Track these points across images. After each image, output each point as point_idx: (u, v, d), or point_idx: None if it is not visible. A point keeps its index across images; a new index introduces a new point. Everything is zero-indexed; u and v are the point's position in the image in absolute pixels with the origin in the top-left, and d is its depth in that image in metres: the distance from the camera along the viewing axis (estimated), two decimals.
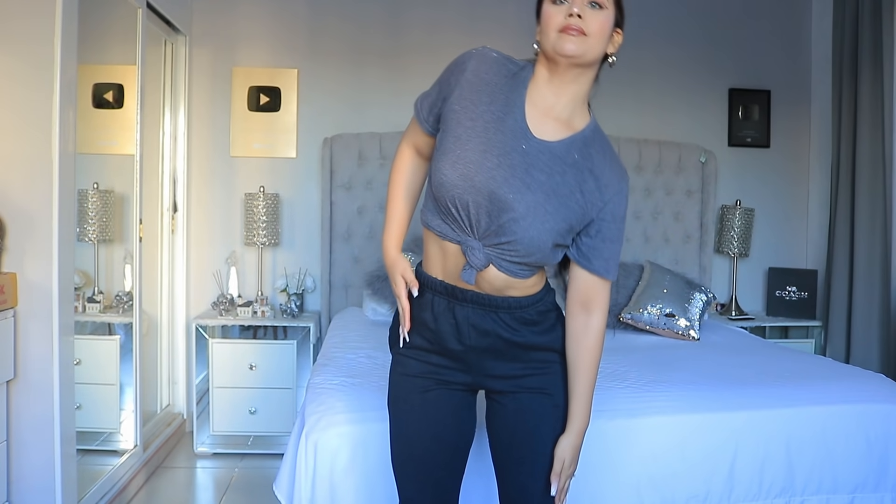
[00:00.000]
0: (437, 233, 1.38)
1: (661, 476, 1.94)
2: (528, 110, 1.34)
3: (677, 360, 2.56)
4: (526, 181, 1.30)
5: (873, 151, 3.43)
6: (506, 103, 1.34)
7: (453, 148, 1.32)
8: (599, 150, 1.37)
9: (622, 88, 3.88)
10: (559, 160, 1.33)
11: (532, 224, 1.29)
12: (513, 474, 1.45)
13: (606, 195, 1.35)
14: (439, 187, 1.32)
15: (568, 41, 1.27)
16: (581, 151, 1.34)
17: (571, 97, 1.35)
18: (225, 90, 3.67)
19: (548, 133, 1.34)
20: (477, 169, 1.29)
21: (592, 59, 1.31)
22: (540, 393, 1.43)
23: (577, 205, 1.33)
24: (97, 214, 3.04)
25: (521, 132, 1.32)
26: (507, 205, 1.29)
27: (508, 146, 1.31)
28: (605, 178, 1.35)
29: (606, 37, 1.32)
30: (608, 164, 1.36)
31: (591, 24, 1.28)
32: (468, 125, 1.32)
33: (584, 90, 1.36)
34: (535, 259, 1.34)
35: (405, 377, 1.47)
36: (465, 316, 1.40)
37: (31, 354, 2.19)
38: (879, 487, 2.06)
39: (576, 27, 1.27)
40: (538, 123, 1.34)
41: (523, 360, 1.42)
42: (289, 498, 1.90)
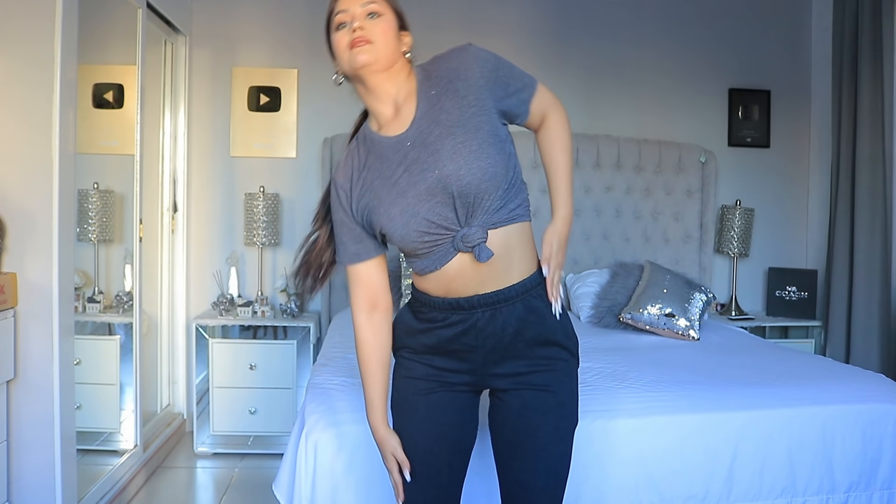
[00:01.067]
0: (431, 269, 1.40)
1: (661, 476, 1.94)
2: (386, 132, 1.40)
3: (677, 360, 2.56)
4: (434, 155, 1.34)
5: (873, 151, 3.43)
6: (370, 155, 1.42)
7: (383, 213, 1.37)
8: (435, 67, 1.40)
9: (622, 88, 3.89)
10: (430, 116, 1.36)
11: (466, 161, 1.32)
12: (515, 471, 1.46)
13: (472, 76, 1.37)
14: (402, 240, 1.38)
15: (358, 53, 1.34)
16: (432, 84, 1.38)
17: (395, 95, 1.40)
18: (225, 90, 3.67)
19: (406, 120, 1.39)
20: (400, 195, 1.35)
21: (387, 61, 1.37)
22: (543, 390, 1.43)
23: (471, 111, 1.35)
24: (97, 214, 3.04)
25: (400, 148, 1.37)
26: (447, 179, 1.32)
27: (399, 159, 1.37)
28: (457, 73, 1.37)
29: (392, 39, 1.37)
30: (448, 63, 1.39)
31: (373, 31, 1.35)
32: (377, 192, 1.39)
33: (401, 84, 1.40)
34: (504, 186, 1.35)
35: (408, 379, 1.48)
36: (470, 321, 1.40)
37: (31, 354, 2.19)
38: (871, 486, 2.06)
39: (360, 38, 1.34)
40: (399, 127, 1.39)
41: (528, 357, 1.42)
42: (289, 498, 1.90)
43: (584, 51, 3.85)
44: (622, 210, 3.78)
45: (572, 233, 3.71)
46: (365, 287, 1.48)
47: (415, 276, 1.47)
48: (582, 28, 3.85)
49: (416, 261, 1.43)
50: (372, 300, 1.48)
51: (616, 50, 3.87)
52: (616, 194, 3.77)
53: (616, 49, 3.87)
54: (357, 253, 1.46)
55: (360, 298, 1.48)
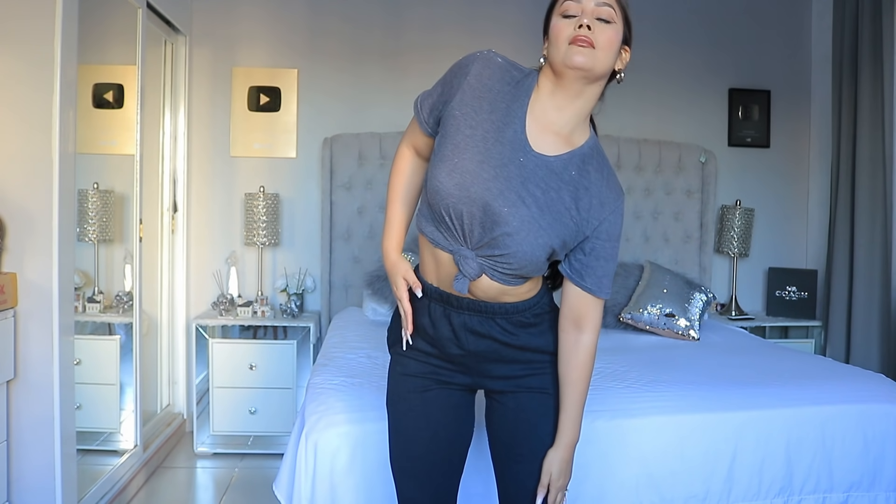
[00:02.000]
0: (430, 240, 1.38)
1: (661, 476, 1.94)
2: (529, 122, 1.33)
3: (677, 360, 2.56)
4: (521, 195, 1.30)
5: (873, 151, 3.43)
6: (507, 113, 1.33)
7: (451, 156, 1.31)
8: (597, 167, 1.36)
9: (622, 88, 3.84)
10: (556, 176, 1.32)
11: (525, 239, 1.29)
12: (512, 472, 1.46)
13: (602, 214, 1.34)
14: (434, 194, 1.32)
15: (577, 52, 1.26)
16: (579, 168, 1.34)
17: (574, 113, 1.34)
18: (225, 90, 3.67)
19: (547, 147, 1.33)
20: (473, 179, 1.29)
21: (600, 72, 1.30)
22: (540, 392, 1.43)
23: (571, 222, 1.33)
24: (97, 214, 3.04)
25: (520, 144, 1.32)
26: (500, 218, 1.29)
27: (506, 158, 1.31)
28: (601, 197, 1.34)
29: (615, 51, 1.31)
30: (605, 182, 1.36)
31: (600, 37, 1.28)
32: (467, 133, 1.31)
33: (588, 107, 1.35)
34: (528, 271, 1.34)
35: (404, 377, 1.48)
36: (461, 322, 1.40)
37: (31, 354, 2.19)
38: (874, 486, 2.06)
39: (585, 38, 1.26)
40: (538, 137, 1.33)
41: (522, 362, 1.43)
42: (289, 498, 1.90)
43: None
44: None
45: None
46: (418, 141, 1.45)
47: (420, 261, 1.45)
48: None
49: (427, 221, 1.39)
50: (419, 151, 1.47)
51: None
52: None
53: None
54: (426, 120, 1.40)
55: (410, 144, 1.47)
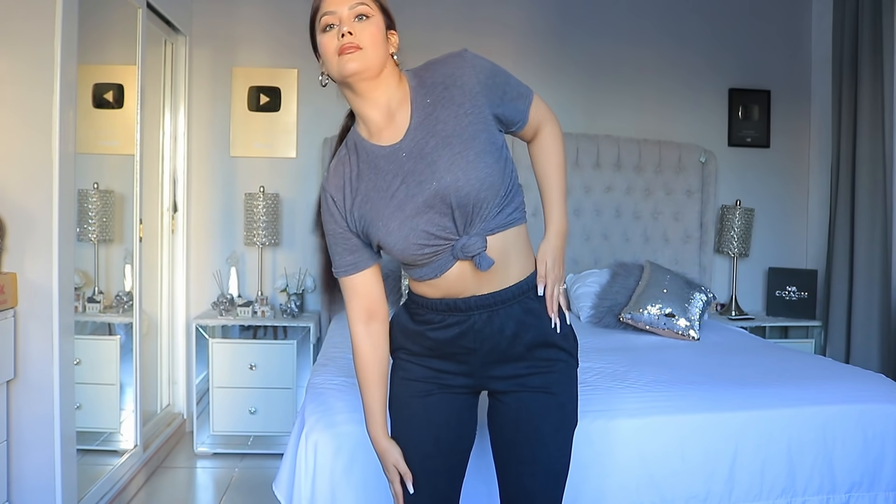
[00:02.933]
0: (433, 277, 1.38)
1: (661, 476, 1.94)
2: (377, 140, 1.36)
3: (677, 360, 2.56)
4: (431, 168, 1.31)
5: (873, 151, 3.43)
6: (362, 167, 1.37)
7: (381, 227, 1.34)
8: (430, 73, 1.38)
9: (622, 88, 3.89)
10: (425, 127, 1.34)
11: (469, 172, 1.30)
12: (515, 473, 1.45)
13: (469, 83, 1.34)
14: (403, 254, 1.35)
15: (348, 60, 1.29)
16: (427, 92, 1.36)
17: (386, 101, 1.36)
18: (225, 90, 3.67)
19: (400, 129, 1.35)
20: (398, 209, 1.32)
21: (377, 67, 1.32)
22: (543, 392, 1.42)
23: (471, 124, 1.33)
24: (97, 214, 3.04)
25: (395, 158, 1.34)
26: (442, 193, 1.30)
27: (394, 171, 1.34)
28: (454, 79, 1.35)
29: (381, 43, 1.33)
30: (443, 69, 1.36)
31: (363, 36, 1.30)
32: (368, 207, 1.36)
33: (392, 89, 1.36)
34: (498, 186, 1.33)
35: (406, 381, 1.47)
36: (468, 323, 1.40)
37: (31, 354, 2.19)
38: (874, 486, 2.06)
39: (349, 45, 1.29)
40: (392, 134, 1.35)
41: (527, 360, 1.42)
42: (289, 498, 1.90)
43: (584, 51, 3.85)
44: (622, 210, 3.78)
45: (572, 233, 3.71)
46: (361, 297, 1.45)
47: (411, 281, 1.46)
48: (582, 28, 3.85)
49: (415, 270, 1.41)
50: (369, 310, 1.45)
51: (616, 50, 3.87)
52: (616, 194, 3.77)
53: (616, 49, 3.87)
54: (353, 263, 1.42)
55: (356, 309, 1.45)
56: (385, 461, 1.46)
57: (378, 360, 1.47)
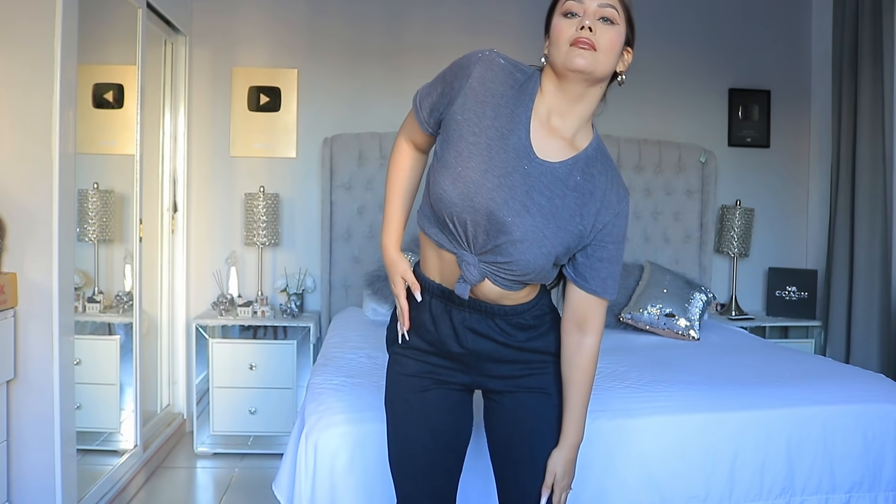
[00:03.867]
0: (434, 241, 1.38)
1: (662, 476, 1.94)
2: (533, 127, 1.32)
3: (677, 360, 2.56)
4: (526, 204, 1.29)
5: (873, 151, 3.43)
6: (510, 119, 1.31)
7: (454, 164, 1.29)
8: (602, 169, 1.35)
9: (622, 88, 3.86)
10: (561, 183, 1.31)
11: (529, 248, 1.29)
12: (512, 474, 1.45)
13: (606, 217, 1.33)
14: (438, 202, 1.31)
15: (578, 55, 1.24)
16: (583, 172, 1.33)
17: (577, 116, 1.32)
18: (225, 90, 3.67)
19: (551, 153, 1.32)
20: (477, 189, 1.28)
21: (602, 74, 1.28)
22: (539, 392, 1.43)
23: (576, 227, 1.32)
24: (97, 214, 3.04)
25: (525, 152, 1.30)
26: (505, 227, 1.28)
27: (510, 166, 1.29)
28: (605, 200, 1.33)
29: (617, 53, 1.29)
30: (610, 185, 1.35)
31: (602, 38, 1.26)
32: (471, 140, 1.30)
33: (591, 109, 1.34)
34: (531, 279, 1.34)
35: (403, 377, 1.47)
36: (461, 320, 1.40)
37: (31, 354, 2.19)
38: (875, 486, 2.06)
39: (586, 40, 1.24)
40: (542, 142, 1.31)
41: (521, 362, 1.43)
42: (288, 498, 1.90)
43: None
44: None
45: None
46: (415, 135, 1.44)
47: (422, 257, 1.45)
48: None
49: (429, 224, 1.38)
50: (417, 144, 1.46)
51: None
52: None
53: None
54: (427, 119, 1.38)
55: (408, 136, 1.46)
56: (393, 271, 1.45)
57: (411, 173, 1.47)
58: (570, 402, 1.41)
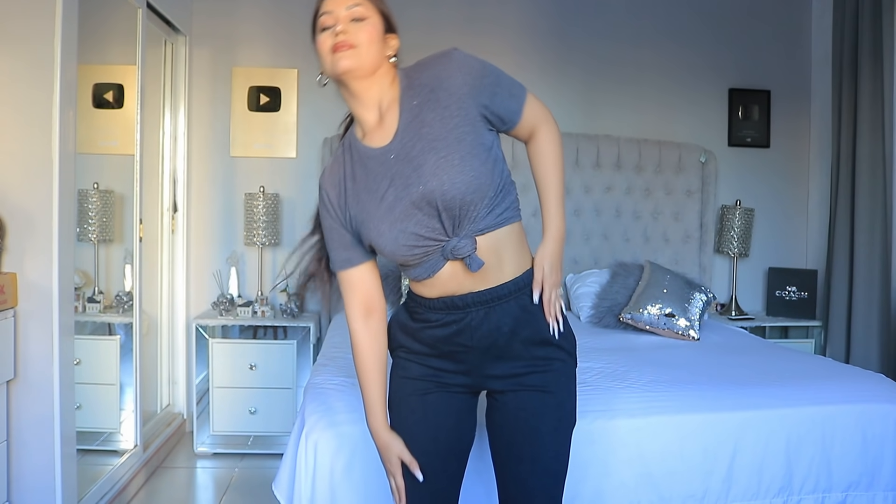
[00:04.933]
0: (426, 277, 1.40)
1: (660, 475, 1.94)
2: (368, 142, 1.39)
3: (677, 360, 2.56)
4: (417, 172, 1.32)
5: (873, 151, 3.43)
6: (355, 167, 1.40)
7: (372, 229, 1.37)
8: (418, 74, 1.38)
9: (622, 88, 3.89)
10: (413, 128, 1.35)
11: (455, 180, 1.30)
12: (513, 472, 1.45)
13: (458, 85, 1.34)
14: (393, 255, 1.37)
15: (340, 58, 1.32)
16: (415, 93, 1.36)
17: (378, 102, 1.38)
18: (225, 90, 3.67)
19: (391, 131, 1.37)
20: (388, 212, 1.34)
21: (370, 66, 1.35)
22: (541, 391, 1.42)
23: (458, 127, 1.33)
24: (97, 214, 3.05)
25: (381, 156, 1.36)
26: (428, 197, 1.31)
27: (385, 173, 1.35)
28: (443, 81, 1.35)
29: (376, 44, 1.35)
30: (430, 70, 1.37)
31: (358, 36, 1.33)
32: (359, 209, 1.39)
33: (384, 89, 1.39)
34: (486, 188, 1.33)
35: (405, 380, 1.48)
36: (465, 320, 1.40)
37: (31, 354, 2.19)
38: (872, 486, 2.06)
39: (342, 43, 1.32)
40: (383, 136, 1.37)
41: (525, 358, 1.42)
42: (288, 498, 1.90)
43: (584, 51, 3.85)
44: (622, 210, 3.78)
45: (573, 233, 3.71)
46: (359, 292, 1.47)
47: (410, 280, 1.47)
48: (582, 28, 3.85)
49: (408, 269, 1.43)
50: (367, 305, 1.47)
51: (616, 50, 3.87)
52: (616, 194, 3.77)
53: (616, 49, 3.87)
54: (348, 258, 1.45)
55: (354, 304, 1.47)
56: (387, 455, 1.46)
57: (377, 354, 1.48)
58: (545, 195, 1.45)
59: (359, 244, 1.44)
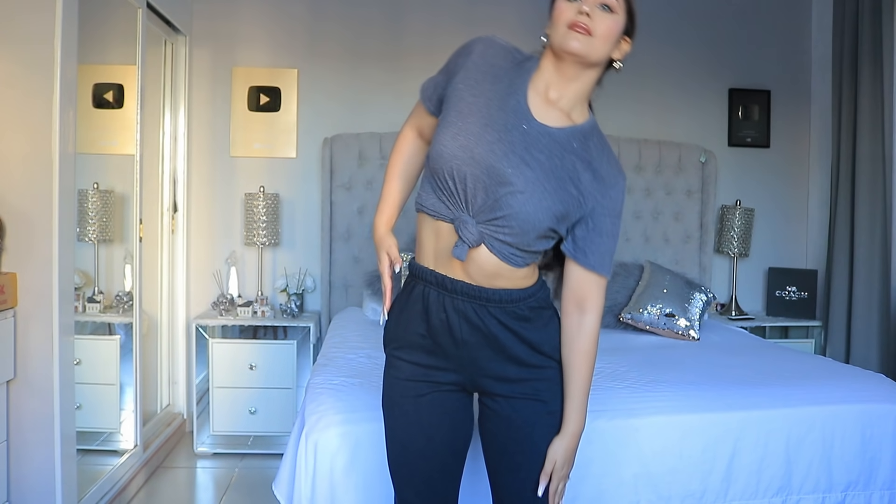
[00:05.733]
0: (431, 212, 1.38)
1: (659, 474, 1.94)
2: (531, 96, 1.36)
3: (677, 360, 2.56)
4: (525, 158, 1.32)
5: (873, 151, 3.43)
6: (510, 85, 1.37)
7: (455, 120, 1.34)
8: (598, 144, 1.38)
9: (622, 88, 3.88)
10: (559, 145, 1.34)
11: (529, 199, 1.30)
12: (506, 480, 1.44)
13: (604, 188, 1.36)
14: (438, 158, 1.34)
15: (573, 38, 1.29)
16: (580, 142, 1.36)
17: (574, 93, 1.37)
18: (225, 90, 3.67)
19: (549, 119, 1.36)
20: (477, 141, 1.31)
21: (596, 59, 1.33)
22: (534, 399, 1.41)
23: (574, 190, 1.34)
24: (97, 214, 3.04)
25: (523, 113, 1.35)
26: (505, 178, 1.30)
27: (510, 124, 1.33)
28: (602, 172, 1.36)
29: (612, 40, 1.33)
30: (606, 159, 1.38)
31: (599, 25, 1.30)
32: (470, 101, 1.35)
33: (587, 88, 1.38)
34: (527, 240, 1.33)
35: (398, 380, 1.45)
36: (455, 308, 1.38)
37: (31, 354, 2.19)
38: (870, 485, 2.07)
39: (583, 25, 1.29)
40: (540, 109, 1.36)
41: (517, 363, 1.40)
42: (288, 498, 1.90)
43: None
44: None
45: None
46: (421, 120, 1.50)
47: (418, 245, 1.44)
48: None
49: (427, 196, 1.40)
50: (421, 131, 1.52)
51: None
52: None
53: None
54: (429, 98, 1.46)
55: (412, 126, 1.52)
56: (379, 247, 1.49)
57: (412, 158, 1.53)
58: (571, 389, 1.40)
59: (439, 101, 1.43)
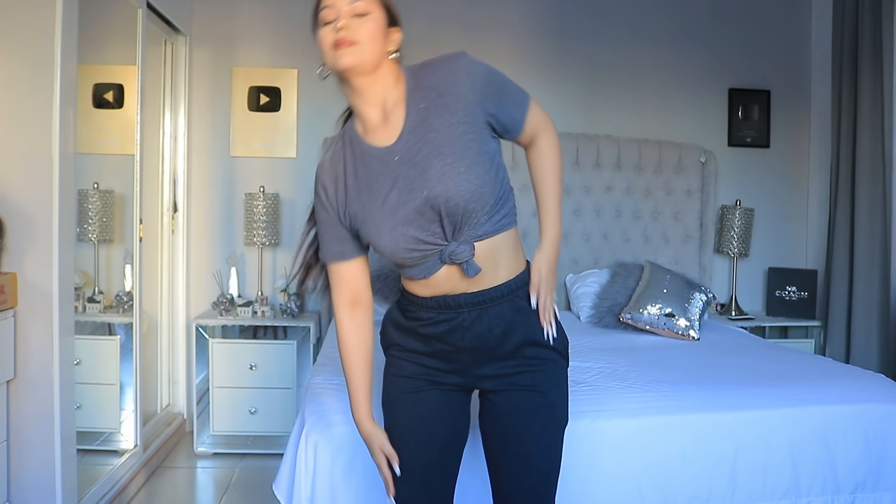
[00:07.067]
0: (422, 277, 1.40)
1: (663, 476, 1.94)
2: (371, 138, 1.37)
3: (677, 360, 2.56)
4: (420, 170, 1.32)
5: (873, 151, 3.43)
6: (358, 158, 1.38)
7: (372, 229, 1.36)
8: (425, 76, 1.36)
9: (622, 89, 3.89)
10: (420, 125, 1.33)
11: (457, 182, 1.30)
12: (506, 472, 1.45)
13: (458, 89, 1.33)
14: (387, 252, 1.37)
15: (342, 55, 1.30)
16: (422, 94, 1.35)
17: (382, 100, 1.36)
18: (225, 90, 3.67)
19: (397, 127, 1.35)
20: (392, 212, 1.33)
21: (371, 62, 1.32)
22: (532, 391, 1.42)
23: (460, 126, 1.32)
24: (97, 214, 3.05)
25: (386, 154, 1.35)
26: (433, 200, 1.31)
27: (387, 172, 1.34)
28: (442, 86, 1.34)
29: (378, 39, 1.33)
30: (438, 74, 1.35)
31: (359, 31, 1.31)
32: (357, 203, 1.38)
33: (389, 86, 1.36)
34: (488, 196, 1.33)
35: (398, 378, 1.48)
36: (459, 322, 1.40)
37: (31, 354, 2.19)
38: (878, 487, 2.06)
39: (344, 39, 1.30)
40: (389, 131, 1.35)
41: (517, 358, 1.42)
42: (288, 498, 1.90)
43: (584, 51, 3.85)
44: (622, 210, 3.78)
45: (573, 233, 3.71)
46: (347, 284, 1.47)
47: (404, 279, 1.47)
48: (582, 28, 3.85)
49: (405, 269, 1.43)
50: (354, 297, 1.48)
51: (616, 50, 3.87)
52: (616, 194, 3.77)
53: (616, 49, 3.87)
54: (340, 252, 1.45)
55: (342, 296, 1.48)
56: (371, 446, 1.47)
57: (362, 346, 1.49)
58: (543, 201, 1.46)
59: (352, 239, 1.44)
